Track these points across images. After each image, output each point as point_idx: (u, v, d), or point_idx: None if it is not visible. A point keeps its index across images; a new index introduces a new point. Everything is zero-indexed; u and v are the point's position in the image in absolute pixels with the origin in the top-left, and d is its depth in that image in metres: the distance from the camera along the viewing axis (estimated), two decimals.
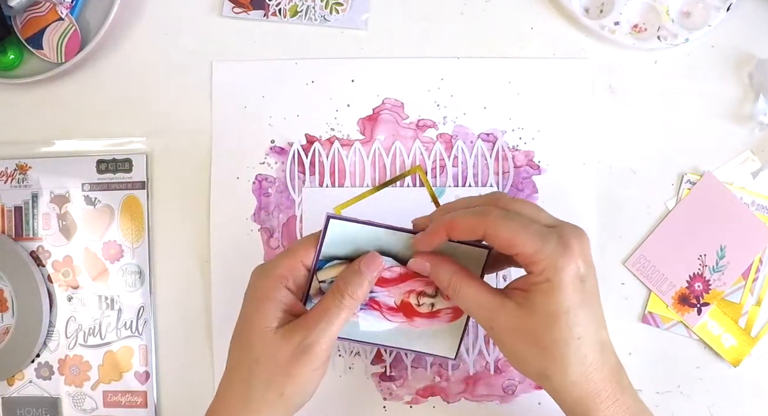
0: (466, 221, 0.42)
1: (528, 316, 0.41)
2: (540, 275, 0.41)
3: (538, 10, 0.60)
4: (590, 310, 0.41)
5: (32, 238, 0.61)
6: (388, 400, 0.59)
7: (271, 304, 0.44)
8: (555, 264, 0.40)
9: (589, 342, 0.41)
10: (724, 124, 0.59)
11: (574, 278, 0.41)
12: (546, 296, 0.40)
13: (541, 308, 0.41)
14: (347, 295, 0.44)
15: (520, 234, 0.40)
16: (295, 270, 0.45)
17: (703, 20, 0.59)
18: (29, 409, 0.61)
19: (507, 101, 0.60)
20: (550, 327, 0.40)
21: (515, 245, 0.41)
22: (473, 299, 0.43)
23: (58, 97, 0.62)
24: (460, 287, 0.43)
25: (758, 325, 0.58)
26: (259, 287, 0.45)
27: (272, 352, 0.43)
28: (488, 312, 0.42)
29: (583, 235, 0.42)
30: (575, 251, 0.41)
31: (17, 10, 0.60)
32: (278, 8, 0.61)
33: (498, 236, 0.41)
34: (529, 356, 0.42)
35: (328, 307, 0.44)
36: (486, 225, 0.41)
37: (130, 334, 0.60)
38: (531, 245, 0.40)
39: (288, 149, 0.60)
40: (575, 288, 0.40)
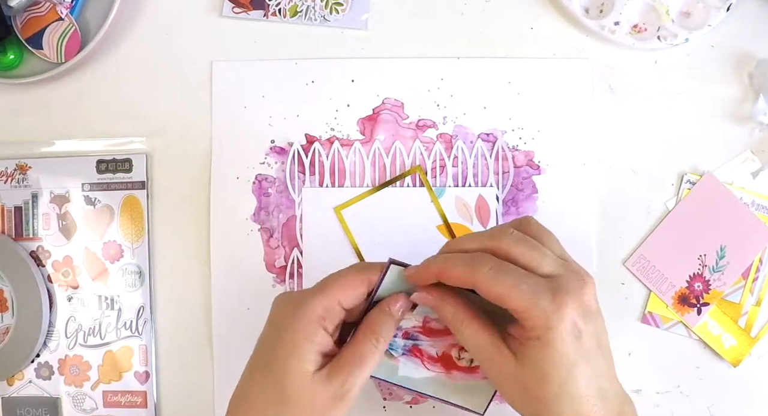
0: (457, 271, 0.41)
1: (522, 368, 0.41)
2: (531, 332, 0.40)
3: (538, 10, 0.60)
4: (587, 363, 0.40)
5: (32, 238, 0.61)
6: (388, 400, 0.59)
7: (311, 346, 0.42)
8: (546, 324, 0.39)
9: (584, 396, 0.40)
10: (724, 124, 0.59)
11: (568, 336, 0.39)
12: (537, 352, 0.40)
13: (533, 363, 0.40)
14: (381, 338, 0.43)
15: (511, 292, 0.40)
16: (332, 311, 0.43)
17: (703, 20, 0.59)
18: (29, 409, 0.61)
19: (507, 101, 0.60)
20: (542, 382, 0.40)
21: (506, 303, 0.40)
22: (472, 340, 0.43)
23: (58, 97, 0.62)
24: (462, 326, 0.43)
25: (758, 325, 0.58)
26: (298, 326, 0.42)
27: (309, 397, 0.42)
28: (485, 356, 0.42)
29: (586, 284, 0.41)
30: (570, 307, 0.40)
31: (17, 10, 0.60)
32: (278, 8, 0.61)
33: (488, 293, 0.40)
34: (523, 403, 0.42)
35: (364, 352, 0.43)
36: (476, 280, 0.40)
37: (130, 334, 0.60)
38: (521, 303, 0.39)
39: (288, 149, 0.60)
40: (568, 346, 0.40)
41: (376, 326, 0.43)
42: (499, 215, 0.59)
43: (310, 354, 0.42)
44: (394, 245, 0.59)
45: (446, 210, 0.59)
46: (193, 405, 0.60)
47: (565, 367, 0.40)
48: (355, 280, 0.43)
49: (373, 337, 0.43)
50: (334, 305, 0.43)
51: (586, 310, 0.41)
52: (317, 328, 0.42)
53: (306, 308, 0.42)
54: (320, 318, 0.42)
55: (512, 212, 0.59)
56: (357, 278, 0.43)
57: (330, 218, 0.59)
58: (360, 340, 0.43)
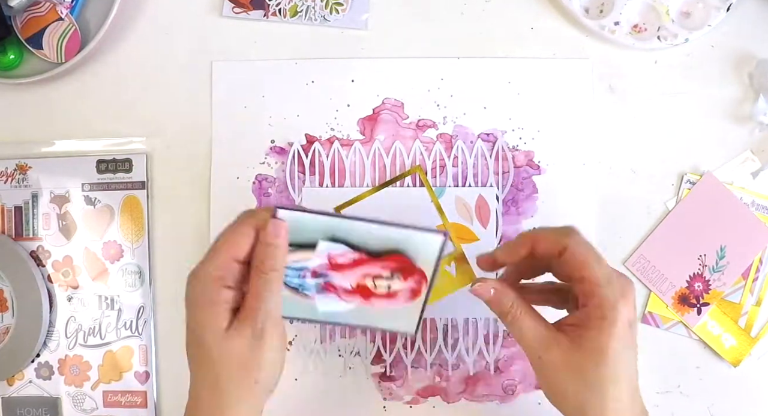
0: (550, 235, 0.45)
1: (578, 351, 0.43)
2: (597, 310, 0.43)
3: (538, 10, 0.60)
4: (632, 356, 0.44)
5: (32, 238, 0.61)
6: (388, 400, 0.59)
7: (217, 307, 0.44)
8: (614, 304, 0.43)
9: (627, 384, 0.44)
10: (724, 124, 0.59)
11: (626, 322, 0.43)
12: (599, 333, 0.43)
13: (593, 344, 0.43)
14: (268, 269, 0.44)
15: (595, 262, 0.44)
16: (230, 268, 0.44)
17: (703, 20, 0.59)
18: (29, 409, 0.61)
19: (507, 101, 0.60)
20: (598, 364, 0.43)
21: (586, 269, 0.43)
22: (529, 330, 0.45)
23: (58, 97, 0.62)
24: (520, 316, 0.45)
25: (758, 325, 0.58)
26: (199, 293, 0.44)
27: (231, 350, 0.43)
28: (541, 344, 0.45)
29: (634, 287, 0.45)
30: (630, 298, 0.44)
31: (17, 10, 0.60)
32: (278, 8, 0.61)
33: (576, 254, 0.44)
34: (572, 389, 0.44)
35: (258, 289, 0.44)
36: (568, 241, 0.44)
37: (130, 334, 0.60)
38: (600, 275, 0.43)
39: (288, 149, 0.60)
40: (625, 332, 0.43)
41: (258, 260, 0.44)
42: (499, 215, 0.59)
43: (219, 314, 0.43)
44: None
45: (446, 210, 0.59)
46: None
47: (621, 351, 0.43)
48: (242, 232, 0.44)
49: (260, 271, 0.44)
50: (228, 263, 0.44)
51: (635, 307, 0.45)
52: (218, 289, 0.43)
53: (201, 276, 0.44)
54: (217, 278, 0.44)
55: (512, 212, 0.59)
56: (243, 229, 0.44)
57: None
58: (252, 279, 0.44)
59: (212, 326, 0.43)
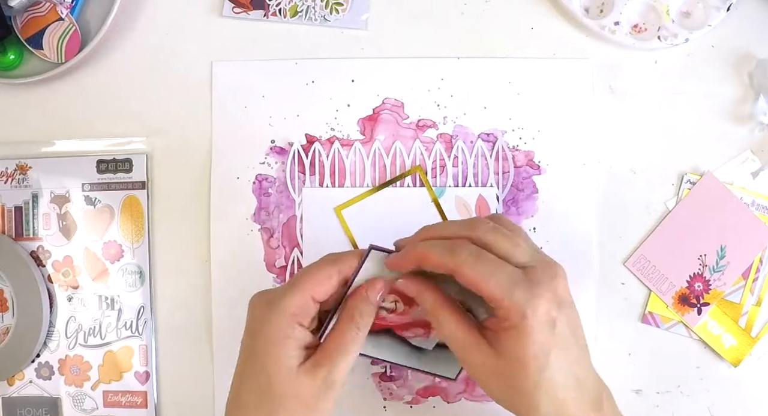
0: (436, 257, 0.42)
1: (498, 358, 0.42)
2: (506, 321, 0.41)
3: (538, 10, 0.60)
4: (562, 351, 0.41)
5: (32, 238, 0.61)
6: (388, 400, 0.59)
7: (290, 343, 0.43)
8: (521, 311, 0.40)
9: (561, 382, 0.41)
10: (724, 124, 0.59)
11: (543, 323, 0.41)
12: (513, 341, 0.41)
13: (509, 352, 0.41)
14: (362, 325, 0.44)
15: (488, 280, 0.41)
16: (306, 307, 0.44)
17: (703, 20, 0.59)
18: (29, 409, 0.61)
19: (507, 101, 0.60)
20: (519, 371, 0.41)
21: (482, 289, 0.41)
22: (449, 332, 0.43)
23: (58, 97, 0.62)
24: (440, 317, 0.44)
25: (758, 325, 0.58)
26: (274, 327, 0.43)
27: (297, 391, 0.43)
28: (462, 348, 0.43)
29: (558, 274, 0.42)
30: (544, 295, 0.41)
31: (17, 10, 0.60)
32: (278, 8, 0.61)
33: (467, 279, 0.41)
34: (500, 393, 0.43)
35: (346, 339, 0.44)
36: (454, 265, 0.41)
37: (130, 334, 0.60)
38: (498, 291, 0.40)
39: (288, 149, 0.60)
40: (543, 333, 0.41)
41: (355, 313, 0.44)
42: None
43: (291, 351, 0.43)
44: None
45: (446, 210, 0.59)
46: (193, 405, 0.60)
47: (541, 355, 0.40)
48: (326, 274, 0.44)
49: (353, 324, 0.44)
50: (307, 302, 0.44)
51: (560, 300, 0.42)
52: (293, 325, 0.43)
53: (279, 309, 0.43)
54: (294, 315, 0.43)
55: (512, 212, 0.59)
56: (328, 271, 0.44)
57: (330, 218, 0.59)
58: (341, 329, 0.44)
59: (284, 362, 0.43)
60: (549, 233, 0.59)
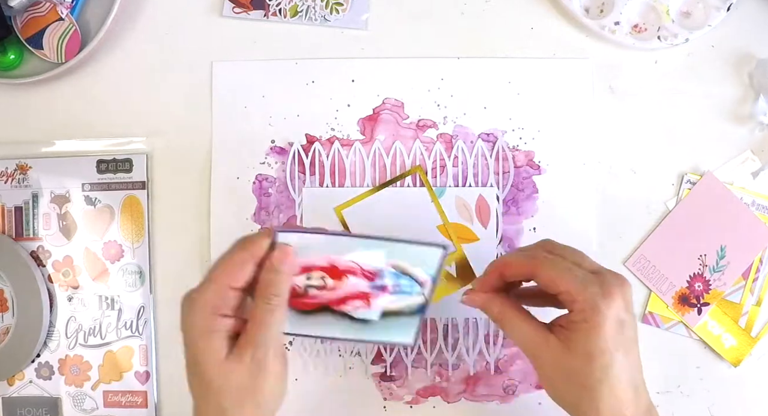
0: (518, 261, 0.46)
1: (568, 354, 0.43)
2: (579, 315, 0.43)
3: (538, 10, 0.60)
4: (626, 354, 0.43)
5: (32, 238, 0.61)
6: (388, 400, 0.59)
7: (216, 335, 0.44)
8: (595, 306, 0.42)
9: (623, 383, 0.43)
10: (724, 124, 0.59)
11: (613, 322, 0.43)
12: (584, 336, 0.43)
13: (580, 347, 0.43)
14: (272, 295, 0.44)
15: (565, 275, 0.44)
16: (226, 296, 0.44)
17: (703, 20, 0.59)
18: (29, 409, 0.61)
19: (507, 101, 0.60)
20: (587, 367, 0.43)
21: (559, 285, 0.43)
22: (520, 332, 0.46)
23: (58, 97, 0.62)
24: (510, 319, 0.46)
25: (758, 325, 0.58)
26: (196, 322, 0.44)
27: (231, 378, 0.43)
28: (533, 345, 0.45)
29: (626, 284, 0.44)
30: (616, 297, 0.43)
31: (17, 10, 0.60)
32: (278, 8, 0.61)
33: (544, 276, 0.44)
34: (566, 390, 0.44)
35: (261, 316, 0.44)
36: (534, 265, 0.45)
37: (130, 334, 0.60)
38: (573, 285, 0.43)
39: (288, 149, 0.60)
40: (613, 332, 0.43)
41: (264, 287, 0.44)
42: (499, 215, 0.59)
43: (216, 342, 0.43)
44: None
45: (446, 210, 0.59)
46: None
47: (609, 352, 0.42)
48: (239, 260, 0.44)
49: (264, 299, 0.44)
50: (225, 293, 0.44)
51: (627, 305, 0.44)
52: (214, 317, 0.44)
53: (199, 304, 0.44)
54: (214, 307, 0.44)
55: (512, 212, 0.59)
56: (240, 257, 0.44)
57: (330, 218, 0.59)
58: (255, 306, 0.44)
59: (211, 354, 0.43)
60: (549, 233, 0.59)
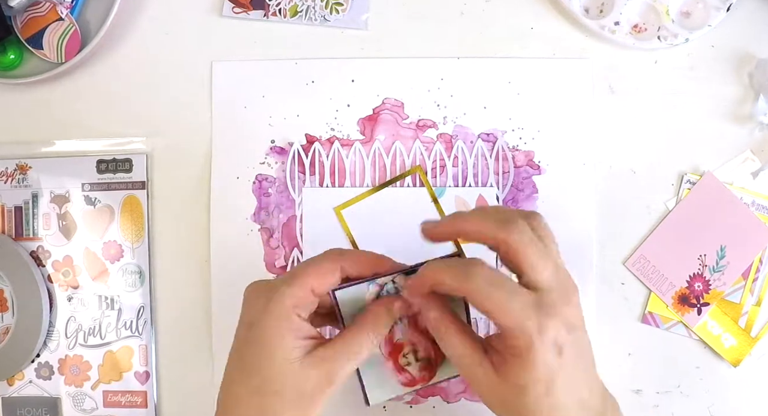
0: (451, 281, 0.41)
1: (501, 382, 0.41)
2: (513, 349, 0.40)
3: (538, 10, 0.60)
4: (567, 377, 0.41)
5: (32, 238, 0.61)
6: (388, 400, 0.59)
7: (292, 334, 0.42)
8: (529, 342, 0.39)
9: (562, 406, 0.41)
10: (724, 124, 0.59)
11: (548, 353, 0.40)
12: (517, 369, 0.40)
13: (512, 377, 0.40)
14: (379, 334, 0.44)
15: (501, 310, 0.40)
16: (305, 299, 0.43)
17: (703, 20, 0.59)
18: (29, 409, 0.61)
19: (507, 101, 0.60)
20: (520, 397, 0.40)
21: (494, 319, 0.40)
22: (453, 349, 0.43)
23: (58, 97, 0.62)
24: (445, 333, 0.43)
25: (758, 325, 0.58)
26: (273, 318, 0.42)
27: (297, 383, 0.42)
28: (466, 366, 0.42)
29: (572, 301, 0.41)
30: (554, 322, 0.40)
31: (17, 10, 0.60)
32: (278, 8, 0.61)
33: (479, 306, 0.40)
34: (503, 413, 0.42)
35: (361, 344, 0.43)
36: (468, 291, 0.40)
37: (130, 334, 0.60)
38: (509, 322, 0.39)
39: (288, 149, 0.60)
40: (548, 360, 0.40)
41: (377, 321, 0.44)
42: None
43: (292, 342, 0.42)
44: (394, 245, 0.59)
45: (446, 210, 0.59)
46: (193, 405, 0.60)
47: (544, 383, 0.40)
48: (329, 268, 0.43)
49: (372, 331, 0.43)
50: (306, 294, 0.42)
51: (570, 325, 0.41)
52: (292, 317, 0.42)
53: (279, 300, 0.42)
54: (294, 306, 0.42)
55: None
56: (330, 266, 0.43)
57: (330, 218, 0.59)
58: (358, 332, 0.43)
59: (285, 354, 0.42)
60: None
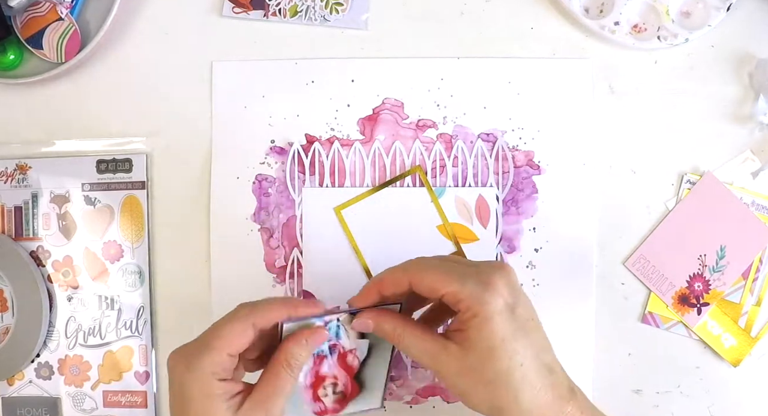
0: (392, 275, 0.45)
1: (468, 354, 0.42)
2: (467, 312, 0.42)
3: (538, 10, 0.60)
4: (527, 336, 0.43)
5: (32, 238, 0.61)
6: (388, 400, 0.59)
7: (217, 399, 0.43)
8: (479, 299, 0.42)
9: (533, 367, 0.42)
10: (724, 124, 0.59)
11: (502, 309, 0.42)
12: (478, 331, 0.42)
13: (478, 343, 0.42)
14: (296, 368, 0.45)
15: (441, 278, 0.43)
16: (222, 363, 0.44)
17: (703, 20, 0.59)
18: (29, 409, 0.61)
19: (507, 101, 0.60)
20: (491, 360, 0.42)
21: (439, 289, 0.43)
22: (417, 346, 0.44)
23: (58, 97, 0.62)
24: (404, 336, 0.45)
25: (758, 325, 0.58)
26: (195, 388, 0.43)
27: None
28: (432, 357, 0.44)
29: (505, 268, 0.45)
30: (497, 284, 0.43)
31: (17, 10, 0.60)
32: (278, 8, 0.61)
33: (422, 283, 0.44)
34: (479, 393, 0.43)
35: (281, 381, 0.44)
36: (410, 275, 0.44)
37: (130, 334, 0.60)
38: (453, 285, 0.43)
39: (288, 149, 0.60)
40: (504, 318, 0.42)
41: (289, 355, 0.45)
42: (499, 215, 0.59)
43: (216, 405, 0.43)
44: (394, 245, 0.59)
45: (446, 210, 0.59)
46: None
47: (508, 340, 0.42)
48: (240, 329, 0.44)
49: (288, 367, 0.44)
50: (223, 359, 0.43)
51: (512, 287, 0.44)
52: (213, 383, 0.43)
53: (197, 370, 0.43)
54: (213, 373, 0.43)
55: (512, 212, 0.59)
56: (241, 326, 0.44)
57: (330, 218, 0.59)
58: (275, 371, 0.45)
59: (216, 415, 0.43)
60: (549, 233, 0.59)
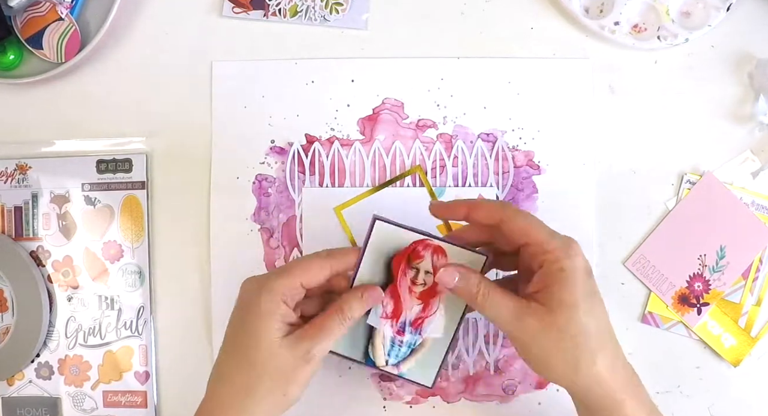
0: (488, 206, 0.48)
1: (552, 312, 0.44)
2: (555, 264, 0.44)
3: (538, 10, 0.60)
4: (602, 304, 0.45)
5: (32, 238, 0.61)
6: (388, 400, 0.59)
7: (276, 318, 0.47)
8: (567, 252, 0.44)
9: (609, 333, 0.45)
10: (724, 124, 0.59)
11: (585, 267, 0.44)
12: (563, 285, 0.44)
13: (562, 298, 0.43)
14: (349, 317, 0.48)
15: (534, 225, 0.45)
16: (293, 291, 0.48)
17: (703, 20, 0.59)
18: (29, 409, 0.61)
19: (507, 101, 0.60)
20: (574, 317, 0.43)
21: (530, 234, 0.45)
22: (501, 304, 0.46)
23: (58, 97, 0.62)
24: (489, 293, 0.46)
25: (758, 325, 0.58)
26: (262, 303, 0.47)
27: (278, 361, 0.46)
28: (517, 315, 0.45)
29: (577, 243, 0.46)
30: (578, 247, 0.45)
31: (17, 10, 0.60)
32: (278, 8, 0.61)
33: (515, 224, 0.46)
34: (557, 352, 0.44)
35: (332, 324, 0.48)
36: (504, 213, 0.46)
37: (130, 334, 0.60)
38: (544, 234, 0.45)
39: (288, 149, 0.60)
40: (587, 278, 0.44)
41: (346, 306, 0.48)
42: None
43: (275, 324, 0.47)
44: None
45: None
46: (193, 405, 0.60)
47: (590, 298, 0.44)
48: (318, 265, 0.48)
49: (341, 315, 0.48)
50: (295, 285, 0.47)
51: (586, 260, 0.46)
52: (279, 303, 0.47)
53: (269, 288, 0.47)
54: (282, 294, 0.47)
55: None
56: (320, 263, 0.48)
57: (330, 218, 0.59)
58: (329, 314, 0.48)
59: (267, 333, 0.46)
60: None
